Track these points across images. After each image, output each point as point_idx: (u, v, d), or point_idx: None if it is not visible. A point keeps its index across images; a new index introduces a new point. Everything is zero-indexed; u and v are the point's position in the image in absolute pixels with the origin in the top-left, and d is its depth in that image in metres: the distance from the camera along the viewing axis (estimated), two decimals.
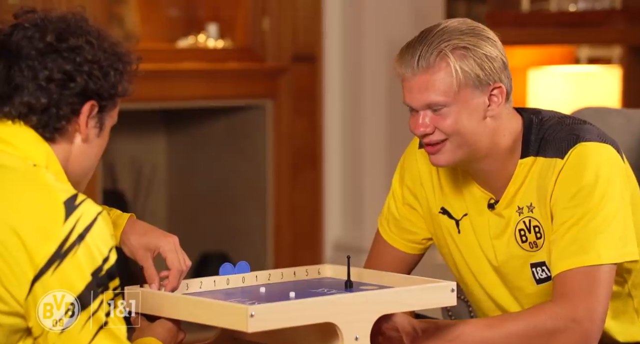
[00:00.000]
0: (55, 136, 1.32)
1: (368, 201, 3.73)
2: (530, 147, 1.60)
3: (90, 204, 1.27)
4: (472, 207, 1.65)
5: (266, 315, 1.35)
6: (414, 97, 1.57)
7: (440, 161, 1.58)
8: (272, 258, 3.62)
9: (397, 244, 1.74)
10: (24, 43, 1.30)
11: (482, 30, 1.59)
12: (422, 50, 1.55)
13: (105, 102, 1.34)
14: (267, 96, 3.62)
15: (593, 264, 1.53)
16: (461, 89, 1.54)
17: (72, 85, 1.31)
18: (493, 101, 1.57)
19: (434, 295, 1.48)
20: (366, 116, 3.71)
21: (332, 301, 1.43)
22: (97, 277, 1.25)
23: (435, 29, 1.57)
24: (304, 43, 3.65)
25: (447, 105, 1.55)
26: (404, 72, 1.57)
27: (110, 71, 1.33)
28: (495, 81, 1.56)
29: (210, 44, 3.64)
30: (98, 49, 1.33)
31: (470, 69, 1.54)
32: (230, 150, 3.71)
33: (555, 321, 1.52)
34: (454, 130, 1.56)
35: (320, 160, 3.72)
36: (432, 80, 1.54)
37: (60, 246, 1.24)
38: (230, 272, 1.58)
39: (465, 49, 1.54)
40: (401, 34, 3.76)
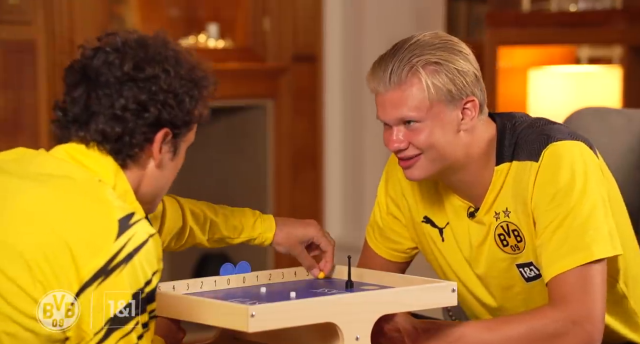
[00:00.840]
0: (128, 162, 1.33)
1: (368, 201, 3.73)
2: (505, 153, 1.60)
3: (144, 225, 1.27)
4: (453, 216, 1.65)
5: (267, 315, 1.35)
6: (387, 112, 1.58)
7: (414, 175, 1.59)
8: (272, 257, 3.62)
9: (382, 252, 1.74)
10: (104, 70, 1.32)
11: (455, 44, 1.58)
12: (393, 66, 1.55)
13: (179, 129, 1.36)
14: (268, 96, 3.62)
15: (586, 262, 1.53)
16: (433, 105, 1.54)
17: (146, 115, 1.32)
18: (466, 115, 1.57)
19: (435, 295, 1.48)
20: (366, 115, 3.71)
21: (333, 301, 1.43)
22: (138, 298, 1.26)
23: (408, 43, 1.57)
24: (304, 43, 3.65)
25: (420, 120, 1.55)
26: (377, 87, 1.57)
27: (185, 98, 1.34)
28: (468, 95, 1.56)
29: (210, 44, 3.64)
30: (175, 76, 1.34)
31: (442, 84, 1.54)
32: (231, 150, 3.71)
33: (555, 324, 1.52)
34: (427, 145, 1.56)
35: (320, 160, 3.72)
36: (404, 96, 1.55)
37: (108, 262, 1.24)
38: (231, 272, 1.58)
39: (437, 64, 1.54)
40: (402, 34, 3.74)
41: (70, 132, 1.33)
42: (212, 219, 1.63)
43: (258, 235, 1.63)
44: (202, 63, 1.38)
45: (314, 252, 1.65)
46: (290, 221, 1.65)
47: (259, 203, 3.65)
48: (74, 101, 1.33)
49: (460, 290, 1.66)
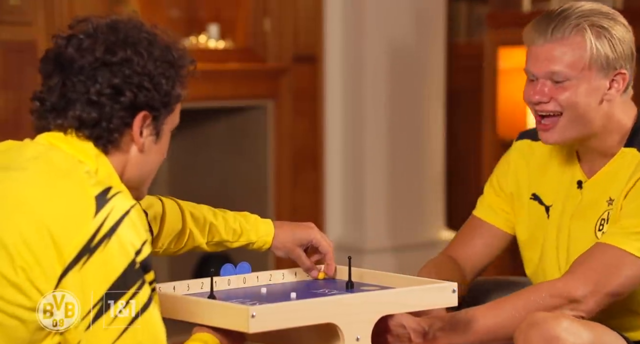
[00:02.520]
0: (109, 148, 1.33)
1: (369, 201, 3.73)
2: (636, 139, 1.61)
3: (123, 197, 1.26)
4: (563, 187, 1.66)
5: (267, 316, 1.35)
6: (539, 64, 1.58)
7: (553, 138, 1.60)
8: (273, 258, 3.62)
9: (492, 219, 1.75)
10: (77, 56, 1.32)
11: (619, 16, 1.63)
12: (559, 21, 1.57)
13: (159, 111, 1.35)
14: (268, 96, 3.62)
15: (628, 251, 1.54)
16: (589, 66, 1.57)
17: (122, 98, 1.32)
18: (613, 86, 1.59)
19: (435, 296, 1.48)
20: (367, 116, 3.71)
21: (333, 302, 1.42)
22: (132, 269, 1.24)
23: (574, 6, 1.59)
24: (304, 43, 3.65)
25: (570, 78, 1.57)
26: (535, 38, 1.58)
27: (161, 80, 1.34)
28: (621, 67, 1.59)
29: (211, 45, 3.64)
30: (149, 58, 1.33)
31: (602, 48, 1.57)
32: (231, 150, 3.71)
33: (550, 298, 1.54)
34: (570, 103, 1.58)
35: (321, 160, 3.72)
36: (562, 51, 1.57)
37: (90, 240, 1.23)
38: (232, 272, 1.58)
39: (602, 28, 1.58)
40: (402, 34, 3.76)
41: (48, 121, 1.32)
42: (212, 222, 1.63)
43: (257, 239, 1.63)
44: (178, 43, 1.37)
45: (313, 256, 1.65)
46: (289, 224, 1.65)
47: (260, 204, 3.65)
48: (50, 89, 1.32)
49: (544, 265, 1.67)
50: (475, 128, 3.77)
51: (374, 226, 3.73)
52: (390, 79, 3.72)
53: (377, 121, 3.72)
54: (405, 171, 3.76)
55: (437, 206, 3.80)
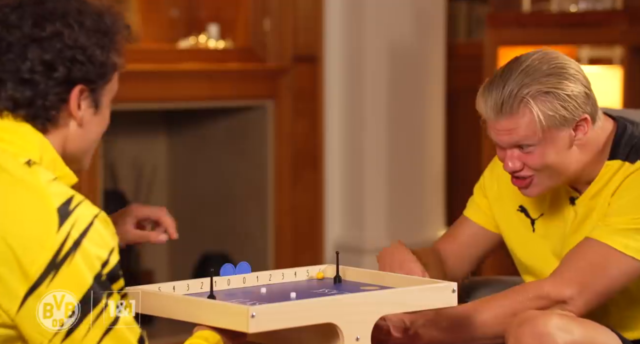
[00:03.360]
0: (48, 126, 1.28)
1: (368, 201, 3.73)
2: (620, 151, 1.63)
3: (86, 207, 1.23)
4: (555, 202, 1.67)
5: (267, 316, 1.35)
6: (500, 138, 1.61)
7: (532, 193, 1.63)
8: (272, 258, 3.62)
9: (479, 220, 1.76)
10: (4, 33, 1.26)
11: (563, 67, 1.60)
12: (504, 96, 1.57)
13: (95, 83, 1.29)
14: (268, 96, 3.62)
15: (616, 248, 1.55)
16: (546, 131, 1.58)
17: (55, 75, 1.26)
18: (579, 131, 1.61)
19: (435, 295, 1.48)
20: (367, 116, 3.71)
21: (333, 302, 1.42)
22: (99, 282, 1.22)
23: (517, 70, 1.58)
24: (304, 43, 3.65)
25: (534, 144, 1.59)
26: (487, 113, 1.60)
27: (95, 51, 1.28)
28: (580, 115, 1.59)
29: (211, 45, 3.64)
30: (79, 30, 1.27)
31: (553, 112, 1.57)
32: (231, 150, 3.71)
33: (537, 300, 1.55)
34: (542, 165, 1.60)
35: (320, 160, 3.72)
36: (517, 125, 1.58)
37: (55, 255, 1.20)
38: (231, 272, 1.58)
39: (547, 94, 1.57)
40: (402, 34, 3.76)
41: None
42: None
43: None
44: (110, 8, 1.32)
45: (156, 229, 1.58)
46: None
47: (259, 204, 3.65)
48: None
49: (536, 273, 1.69)
50: (475, 128, 3.77)
51: (373, 225, 3.73)
52: (390, 79, 3.72)
53: (376, 121, 3.72)
54: (405, 171, 3.76)
55: (436, 206, 3.80)
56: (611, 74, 3.44)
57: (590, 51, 3.69)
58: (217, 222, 3.74)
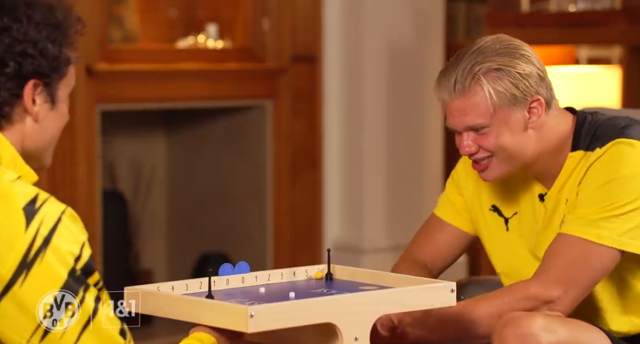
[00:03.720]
0: (2, 123, 1.27)
1: (367, 201, 3.73)
2: (581, 141, 1.64)
3: (53, 204, 1.22)
4: (526, 201, 1.68)
5: (266, 315, 1.35)
6: (455, 120, 1.62)
7: (489, 176, 1.64)
8: (271, 258, 3.62)
9: (452, 220, 1.77)
10: None
11: (515, 47, 1.62)
12: (457, 75, 1.59)
13: (49, 78, 1.28)
14: (267, 96, 3.62)
15: (590, 239, 1.56)
16: (498, 109, 1.59)
17: (6, 70, 1.25)
18: (533, 113, 1.61)
19: (434, 295, 1.48)
20: (366, 116, 3.71)
21: (332, 302, 1.42)
22: (74, 277, 1.21)
23: (470, 50, 1.61)
24: (303, 43, 3.65)
25: (487, 125, 1.60)
26: (443, 96, 1.62)
27: (47, 45, 1.26)
28: (533, 95, 1.60)
29: (209, 45, 3.64)
30: (29, 24, 1.25)
31: (504, 89, 1.59)
32: (230, 150, 3.71)
33: (525, 301, 1.55)
34: (497, 147, 1.61)
35: (319, 160, 3.72)
36: (469, 104, 1.59)
37: (25, 255, 1.19)
38: (230, 272, 1.58)
39: (498, 71, 1.59)
40: (401, 34, 3.76)
41: None
42: None
43: None
44: (62, 2, 1.30)
45: None
46: None
47: (258, 203, 3.65)
48: None
49: (513, 275, 1.70)
50: None
51: (372, 225, 3.73)
52: (389, 78, 3.72)
53: (375, 121, 3.72)
54: (403, 170, 3.76)
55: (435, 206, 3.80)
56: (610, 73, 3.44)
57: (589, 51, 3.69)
58: (216, 222, 3.75)
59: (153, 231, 3.80)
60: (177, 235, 3.81)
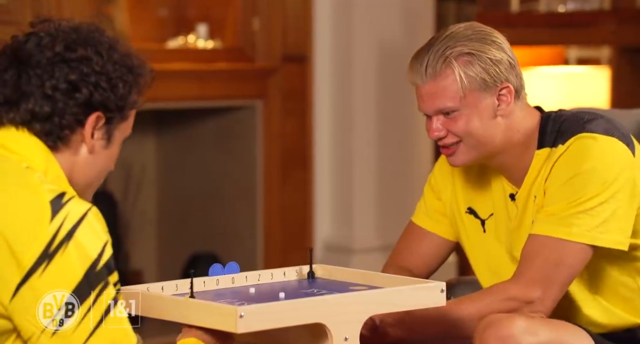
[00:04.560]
0: (59, 144, 1.32)
1: (358, 201, 3.73)
2: (546, 139, 1.64)
3: (78, 202, 1.26)
4: (500, 202, 1.69)
5: (255, 316, 1.35)
6: (425, 103, 1.63)
7: (457, 161, 1.65)
8: (262, 258, 3.62)
9: (432, 228, 1.77)
10: (35, 51, 1.32)
11: (488, 34, 1.63)
12: (429, 58, 1.60)
13: (113, 114, 1.35)
14: (257, 96, 3.62)
15: (562, 237, 1.57)
16: (468, 94, 1.60)
17: (77, 95, 1.31)
18: (502, 100, 1.62)
19: (424, 295, 1.48)
20: (356, 116, 3.71)
21: (322, 302, 1.42)
22: (94, 272, 1.24)
23: (442, 35, 1.62)
24: (294, 43, 3.65)
25: (457, 109, 1.61)
26: (414, 80, 1.63)
27: (119, 83, 1.34)
28: (502, 82, 1.61)
29: (200, 44, 3.63)
30: (107, 60, 1.33)
31: (475, 73, 1.60)
32: (220, 150, 3.71)
33: (507, 302, 1.56)
34: (465, 132, 1.61)
35: (310, 160, 3.72)
36: (439, 87, 1.60)
37: (48, 245, 1.23)
38: (220, 273, 1.57)
39: (469, 55, 1.60)
40: (391, 34, 3.77)
41: (1, 114, 1.32)
42: None
43: None
44: (138, 53, 1.38)
45: None
46: None
47: (249, 203, 3.64)
48: (4, 82, 1.32)
49: (491, 278, 1.70)
50: None
51: (362, 225, 3.73)
52: (379, 78, 3.72)
53: (366, 121, 3.72)
54: (394, 170, 3.77)
55: None
56: (599, 74, 3.45)
57: (579, 51, 3.70)
58: (206, 222, 3.74)
59: (143, 231, 3.79)
60: (167, 235, 3.80)
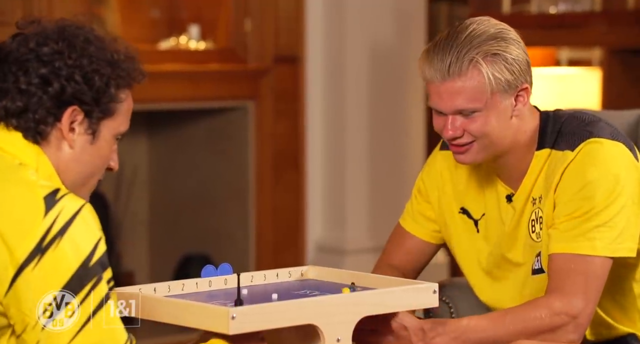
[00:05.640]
0: (39, 140, 1.32)
1: (350, 202, 3.73)
2: (547, 139, 1.63)
3: (72, 198, 1.27)
4: (491, 203, 1.68)
5: (247, 317, 1.35)
6: (444, 102, 1.58)
7: (466, 160, 1.62)
8: (254, 259, 3.62)
9: (417, 232, 1.76)
10: (13, 49, 1.33)
11: (508, 31, 1.62)
12: (452, 57, 1.56)
13: (90, 107, 1.33)
14: (249, 97, 3.61)
15: (586, 253, 1.56)
16: (493, 95, 1.57)
17: (49, 89, 1.31)
18: (519, 101, 1.61)
19: (416, 296, 1.49)
20: (348, 116, 3.72)
21: (314, 303, 1.42)
22: (87, 267, 1.25)
23: (464, 33, 1.58)
24: (286, 44, 3.65)
25: (478, 110, 1.58)
26: (433, 76, 1.58)
27: (94, 76, 1.33)
28: (523, 83, 1.60)
29: (192, 46, 3.63)
30: (82, 54, 1.33)
31: (501, 74, 1.57)
32: (212, 151, 3.71)
33: (554, 317, 1.55)
34: (482, 133, 1.59)
35: (302, 161, 3.72)
36: (464, 87, 1.57)
37: (41, 240, 1.24)
38: (213, 274, 1.57)
39: (495, 56, 1.57)
40: (383, 35, 3.77)
41: None
42: None
43: None
44: (128, 48, 1.37)
45: None
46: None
47: (241, 204, 3.64)
48: None
49: (480, 279, 1.70)
50: None
51: (355, 226, 3.73)
52: (371, 79, 3.73)
53: (358, 122, 3.72)
54: (386, 171, 3.77)
55: None
56: (590, 75, 3.46)
57: (570, 52, 3.71)
58: (198, 223, 3.74)
59: (135, 233, 3.78)
60: (159, 236, 3.80)
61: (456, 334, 1.53)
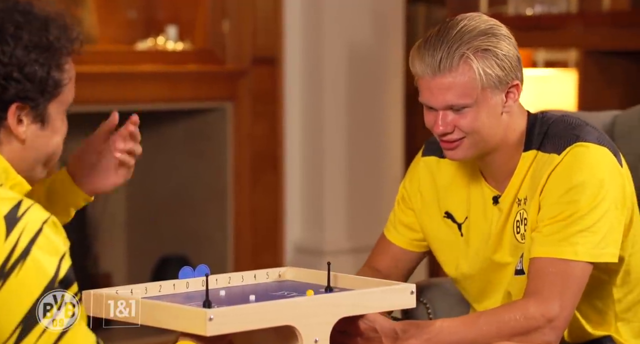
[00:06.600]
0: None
1: (328, 203, 3.73)
2: (533, 140, 1.64)
3: (35, 212, 1.21)
4: (477, 205, 1.68)
5: (225, 318, 1.34)
6: (435, 97, 1.58)
7: (456, 156, 1.62)
8: (232, 260, 3.61)
9: (398, 241, 1.76)
10: None
11: (499, 28, 1.62)
12: (443, 52, 1.56)
13: (35, 101, 1.26)
14: (227, 98, 3.61)
15: (568, 258, 1.56)
16: (483, 90, 1.57)
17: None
18: (510, 98, 1.61)
19: (394, 297, 1.49)
20: (326, 118, 3.72)
21: (292, 304, 1.42)
22: (51, 290, 1.21)
23: (455, 29, 1.58)
24: (264, 45, 3.65)
25: (469, 106, 1.58)
26: (424, 72, 1.58)
27: (34, 67, 1.24)
28: (513, 79, 1.60)
29: (169, 46, 3.62)
30: (16, 46, 1.23)
31: (492, 70, 1.57)
32: (190, 153, 3.70)
33: (529, 320, 1.54)
34: (473, 129, 1.59)
35: (280, 162, 3.72)
36: (455, 83, 1.56)
37: (3, 264, 1.19)
38: (190, 275, 1.57)
39: (486, 51, 1.57)
40: (361, 36, 3.78)
41: None
42: None
43: None
44: (61, 17, 1.27)
45: None
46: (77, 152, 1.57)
47: (219, 206, 3.64)
48: None
49: (467, 280, 1.70)
50: None
51: (333, 227, 3.74)
52: (349, 80, 3.73)
53: (336, 123, 3.73)
54: (364, 172, 3.78)
55: None
56: (566, 77, 3.49)
57: (546, 54, 3.73)
58: (176, 224, 3.73)
59: (112, 234, 3.77)
60: (137, 238, 3.78)
61: (429, 336, 1.52)
